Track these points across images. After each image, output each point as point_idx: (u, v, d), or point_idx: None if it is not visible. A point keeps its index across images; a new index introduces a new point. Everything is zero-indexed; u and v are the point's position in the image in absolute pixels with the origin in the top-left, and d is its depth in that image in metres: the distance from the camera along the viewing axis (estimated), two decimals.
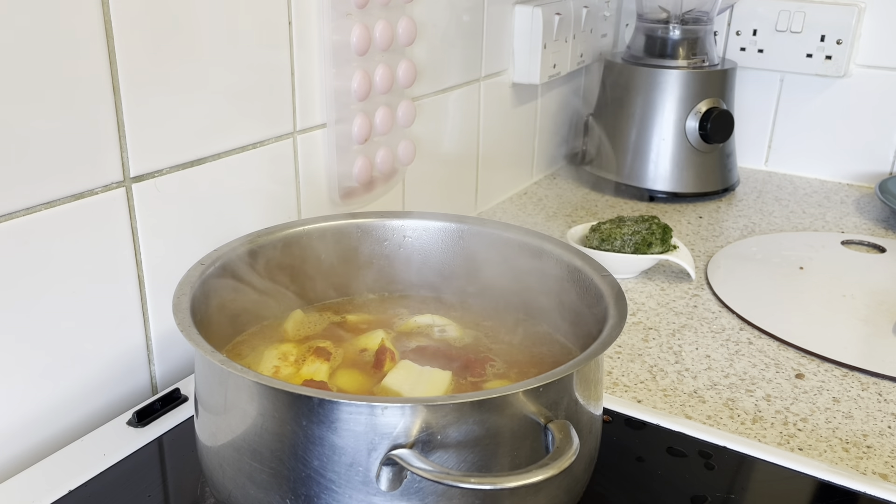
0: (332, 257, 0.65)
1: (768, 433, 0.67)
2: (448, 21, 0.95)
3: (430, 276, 0.67)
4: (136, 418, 0.60)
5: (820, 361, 0.78)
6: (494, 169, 1.15)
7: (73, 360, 0.61)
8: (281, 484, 0.45)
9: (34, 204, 0.56)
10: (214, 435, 0.49)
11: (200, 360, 0.50)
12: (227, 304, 0.58)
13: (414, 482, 0.43)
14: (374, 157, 0.84)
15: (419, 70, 0.87)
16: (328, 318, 0.64)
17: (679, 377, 0.75)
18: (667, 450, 0.60)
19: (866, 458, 0.64)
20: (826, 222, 1.14)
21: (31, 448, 0.59)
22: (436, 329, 0.63)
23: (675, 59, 1.18)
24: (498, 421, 0.44)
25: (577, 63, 1.22)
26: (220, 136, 0.69)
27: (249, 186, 0.73)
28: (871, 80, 1.24)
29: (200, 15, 0.64)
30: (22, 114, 0.53)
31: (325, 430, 0.43)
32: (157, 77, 0.62)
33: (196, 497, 0.54)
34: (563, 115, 1.31)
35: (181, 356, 0.69)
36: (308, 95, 0.77)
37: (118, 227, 0.62)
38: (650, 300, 0.89)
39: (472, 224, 0.66)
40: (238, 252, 0.59)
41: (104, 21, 0.57)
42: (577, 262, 0.59)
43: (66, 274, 0.59)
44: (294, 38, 0.73)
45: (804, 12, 1.23)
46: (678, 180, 1.19)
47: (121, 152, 0.61)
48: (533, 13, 1.08)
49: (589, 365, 0.48)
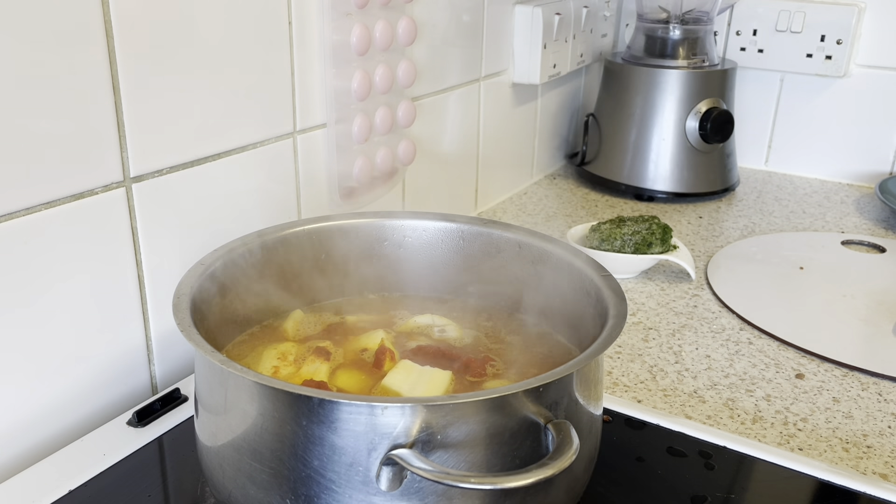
0: (332, 257, 0.65)
1: (768, 433, 0.67)
2: (448, 21, 0.95)
3: (429, 275, 0.67)
4: (136, 418, 0.60)
5: (820, 361, 0.78)
6: (494, 169, 1.15)
7: (73, 360, 0.61)
8: (281, 484, 0.45)
9: (34, 204, 0.56)
10: (214, 435, 0.49)
11: (200, 360, 0.50)
12: (227, 304, 0.58)
13: (414, 482, 0.43)
14: (374, 157, 0.84)
15: (419, 70, 0.87)
16: (328, 318, 0.64)
17: (679, 377, 0.75)
18: (667, 450, 0.60)
19: (866, 458, 0.64)
20: (826, 222, 1.14)
21: (31, 448, 0.59)
22: (436, 329, 0.63)
23: (675, 59, 1.18)
24: (498, 421, 0.44)
25: (577, 63, 1.22)
26: (220, 136, 0.69)
27: (249, 186, 0.73)
28: (871, 80, 1.24)
29: (200, 15, 0.64)
30: (22, 114, 0.53)
31: (325, 430, 0.43)
32: (156, 77, 0.62)
33: (196, 497, 0.54)
34: (563, 115, 1.31)
35: (181, 356, 0.69)
36: (308, 95, 0.77)
37: (118, 227, 0.62)
38: (650, 300, 0.89)
39: (472, 224, 0.66)
40: (238, 252, 0.59)
41: (104, 21, 0.57)
42: (578, 262, 0.59)
43: (66, 274, 0.59)
44: (294, 38, 0.73)
45: (804, 12, 1.23)
46: (678, 180, 1.19)
47: (121, 152, 0.61)
48: (533, 13, 1.08)
49: (589, 365, 0.48)
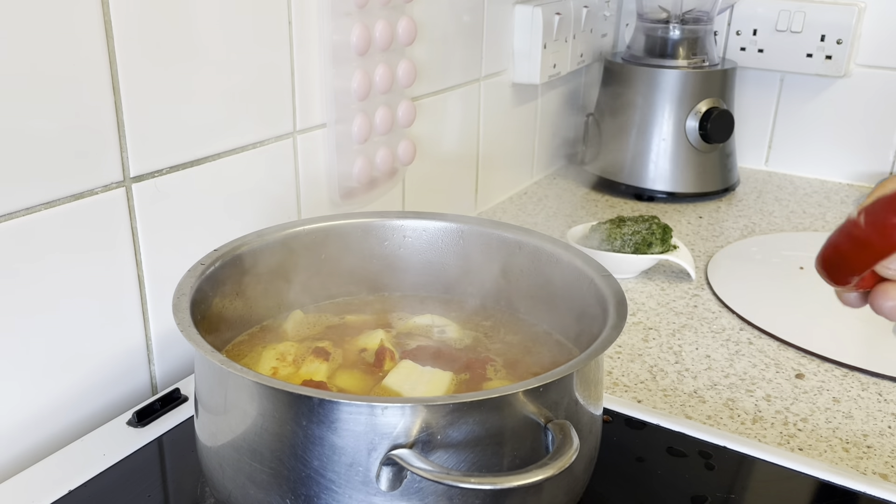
0: (332, 257, 0.65)
1: (768, 433, 0.67)
2: (448, 21, 0.95)
3: (429, 276, 0.67)
4: (136, 418, 0.60)
5: (820, 361, 0.78)
6: (494, 169, 1.15)
7: (73, 360, 0.61)
8: (281, 484, 0.45)
9: (34, 204, 0.56)
10: (214, 435, 0.49)
11: (200, 360, 0.50)
12: (227, 305, 0.58)
13: (414, 482, 0.43)
14: (374, 157, 0.84)
15: (419, 70, 0.87)
16: (328, 318, 0.64)
17: (679, 377, 0.75)
18: (667, 450, 0.60)
19: (866, 458, 0.64)
20: (826, 222, 1.14)
21: (31, 448, 0.59)
22: (435, 330, 0.63)
23: (675, 59, 1.18)
24: (498, 421, 0.44)
25: (577, 63, 1.22)
26: (220, 136, 0.69)
27: (249, 186, 0.73)
28: (871, 80, 1.24)
29: (200, 15, 0.64)
30: (22, 114, 0.53)
31: (325, 430, 0.43)
32: (157, 77, 0.62)
33: (196, 497, 0.54)
34: (563, 115, 1.31)
35: (181, 356, 0.69)
36: (308, 95, 0.77)
37: (118, 227, 0.62)
38: (650, 300, 0.89)
39: (472, 224, 0.65)
40: (238, 252, 0.59)
41: (104, 21, 0.57)
42: (578, 262, 0.59)
43: (66, 274, 0.59)
44: (294, 38, 0.73)
45: (804, 12, 1.23)
46: (678, 180, 1.19)
47: (121, 152, 0.61)
48: (533, 13, 1.08)
49: (589, 365, 0.48)
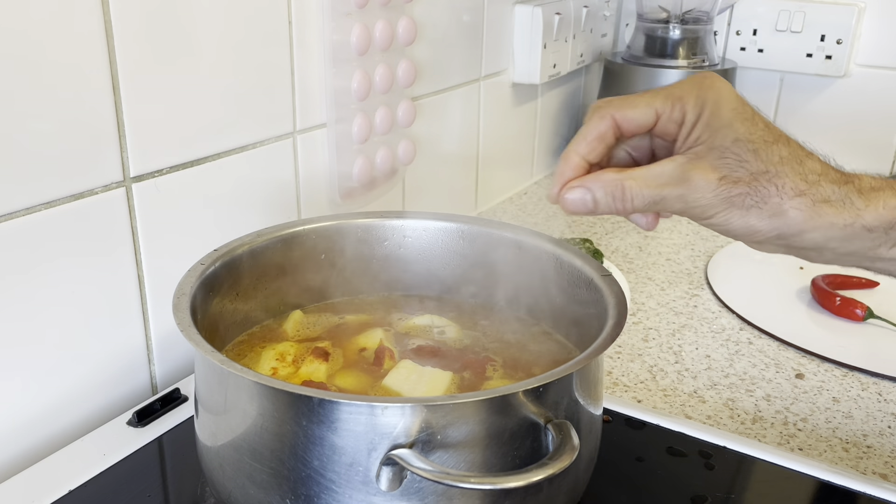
0: (331, 257, 0.65)
1: (768, 433, 0.67)
2: (448, 21, 0.95)
3: (429, 276, 0.67)
4: (136, 418, 0.60)
5: (820, 361, 0.78)
6: (494, 169, 1.15)
7: (73, 360, 0.61)
8: (281, 484, 0.45)
9: (34, 204, 0.56)
10: (214, 435, 0.49)
11: (200, 360, 0.50)
12: (226, 305, 0.58)
13: (414, 482, 0.43)
14: (374, 157, 0.84)
15: (419, 70, 0.87)
16: (328, 318, 0.64)
17: (679, 377, 0.75)
18: (667, 450, 0.60)
19: (866, 458, 0.64)
20: None
21: (31, 448, 0.59)
22: (435, 330, 0.63)
23: (675, 59, 1.18)
24: (498, 421, 0.44)
25: (577, 63, 1.22)
26: (220, 136, 0.69)
27: (249, 186, 0.73)
28: (871, 80, 1.24)
29: (200, 15, 0.64)
30: (22, 114, 0.53)
31: (325, 430, 0.43)
32: (156, 77, 0.62)
33: (196, 497, 0.54)
34: (563, 115, 1.31)
35: (181, 356, 0.69)
36: (308, 95, 0.77)
37: (118, 227, 0.62)
38: (650, 300, 0.89)
39: (472, 224, 0.65)
40: (238, 252, 0.59)
41: (104, 21, 0.57)
42: (578, 262, 0.59)
43: (66, 274, 0.59)
44: (294, 37, 0.73)
45: (804, 12, 1.23)
46: None
47: (121, 152, 0.61)
48: (533, 13, 1.08)
49: (589, 365, 0.48)
